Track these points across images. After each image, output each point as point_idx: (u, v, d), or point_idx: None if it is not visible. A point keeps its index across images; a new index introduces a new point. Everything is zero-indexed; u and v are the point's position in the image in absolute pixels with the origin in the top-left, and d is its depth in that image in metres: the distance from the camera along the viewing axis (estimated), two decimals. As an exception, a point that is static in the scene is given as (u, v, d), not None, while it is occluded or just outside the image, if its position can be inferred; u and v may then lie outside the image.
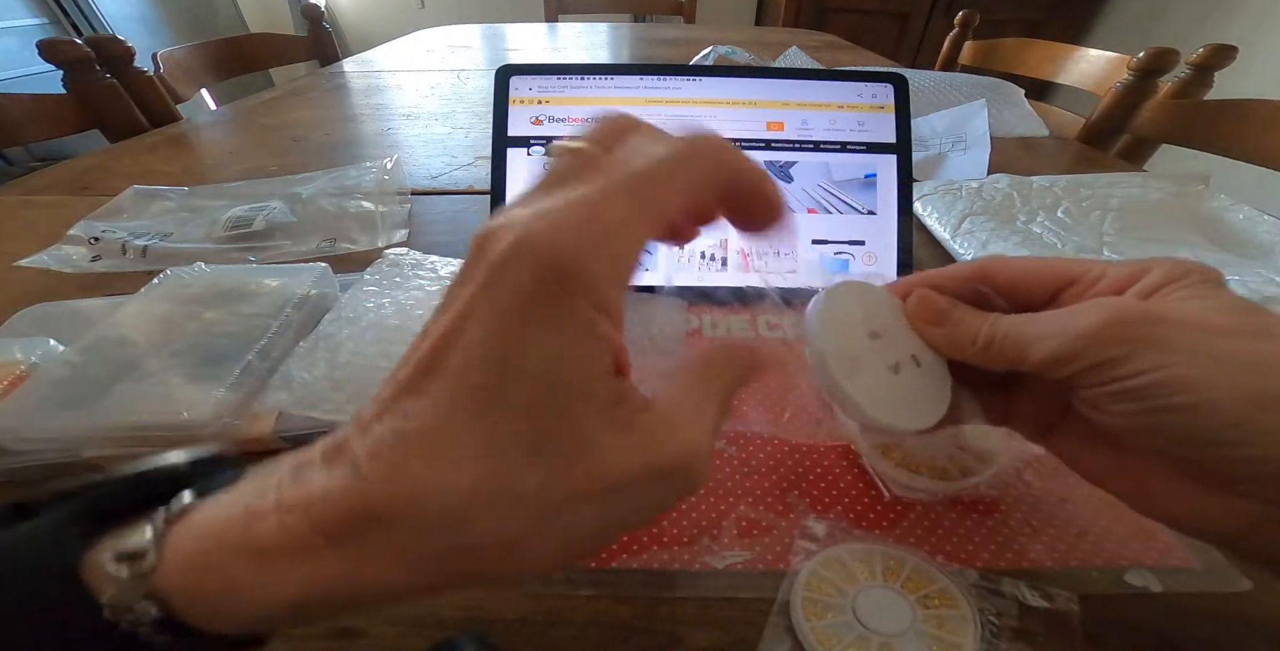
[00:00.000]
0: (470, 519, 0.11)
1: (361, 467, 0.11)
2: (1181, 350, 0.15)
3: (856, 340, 0.20)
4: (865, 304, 0.21)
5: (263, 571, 0.11)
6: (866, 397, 0.20)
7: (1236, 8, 1.70)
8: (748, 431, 0.30)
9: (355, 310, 0.33)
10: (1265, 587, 0.22)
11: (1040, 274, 0.20)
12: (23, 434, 0.25)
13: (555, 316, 0.11)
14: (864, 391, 0.20)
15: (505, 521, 0.11)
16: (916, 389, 0.21)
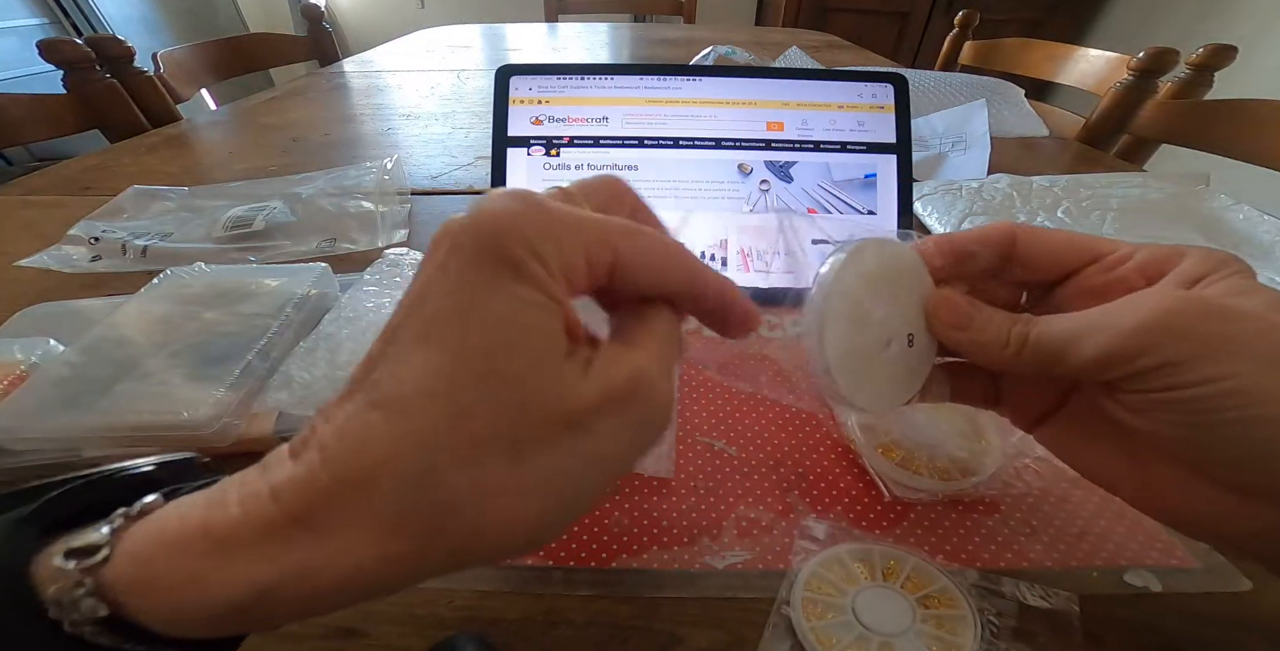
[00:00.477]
0: (439, 468, 0.11)
1: (329, 447, 0.11)
2: (1253, 355, 0.14)
3: (860, 309, 0.19)
4: (884, 269, 0.20)
5: (224, 560, 0.11)
6: (846, 372, 0.19)
7: (1236, 8, 1.70)
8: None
9: (355, 310, 0.33)
10: (1265, 587, 0.22)
11: (1065, 248, 0.19)
12: (23, 434, 0.25)
13: (510, 275, 0.12)
14: (846, 365, 0.19)
15: (474, 468, 0.11)
16: (897, 369, 0.20)
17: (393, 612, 0.22)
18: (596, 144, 0.39)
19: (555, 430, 0.12)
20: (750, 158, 0.39)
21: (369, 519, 0.11)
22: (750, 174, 0.39)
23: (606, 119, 0.39)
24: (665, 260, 0.15)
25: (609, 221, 0.14)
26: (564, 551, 0.24)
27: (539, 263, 0.12)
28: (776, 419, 0.31)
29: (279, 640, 0.21)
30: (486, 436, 0.11)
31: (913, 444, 0.27)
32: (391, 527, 0.11)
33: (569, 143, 0.39)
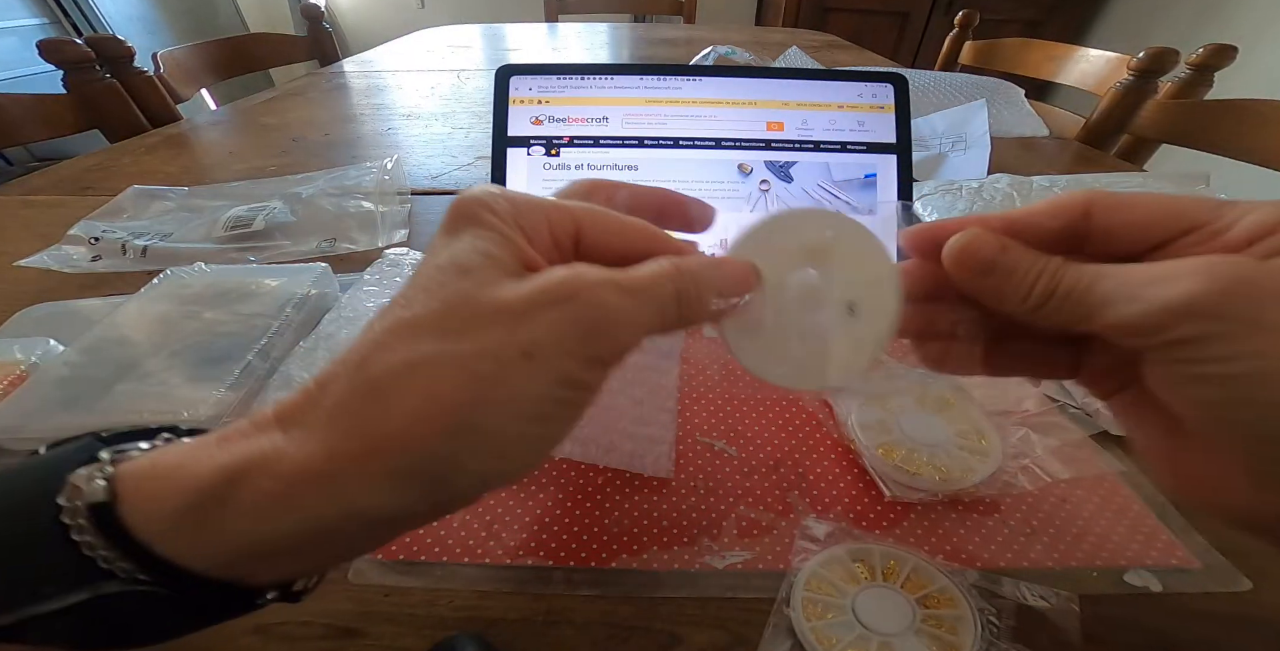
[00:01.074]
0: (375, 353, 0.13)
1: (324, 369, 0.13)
2: None
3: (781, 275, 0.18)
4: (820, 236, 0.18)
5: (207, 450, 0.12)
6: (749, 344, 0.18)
7: (1236, 8, 1.70)
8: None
9: (355, 310, 0.33)
10: (1265, 587, 0.22)
11: (1156, 216, 0.16)
12: (23, 434, 0.25)
13: (466, 224, 0.15)
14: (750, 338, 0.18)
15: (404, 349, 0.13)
16: (830, 342, 0.18)
17: (393, 612, 0.22)
18: (596, 144, 0.39)
19: (484, 318, 0.13)
20: (750, 158, 0.39)
21: (322, 411, 0.13)
22: (750, 174, 0.39)
23: (606, 119, 0.39)
24: (624, 228, 0.17)
25: (568, 202, 0.17)
26: (564, 551, 0.24)
27: (493, 215, 0.15)
28: (776, 419, 0.31)
29: (279, 640, 0.21)
30: (420, 323, 0.13)
31: (913, 444, 0.27)
32: (331, 418, 0.13)
33: (569, 143, 0.39)
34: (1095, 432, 0.29)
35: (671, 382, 0.32)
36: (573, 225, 0.16)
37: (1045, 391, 0.32)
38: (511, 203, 0.15)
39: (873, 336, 0.18)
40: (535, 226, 0.15)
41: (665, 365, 0.33)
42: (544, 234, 0.16)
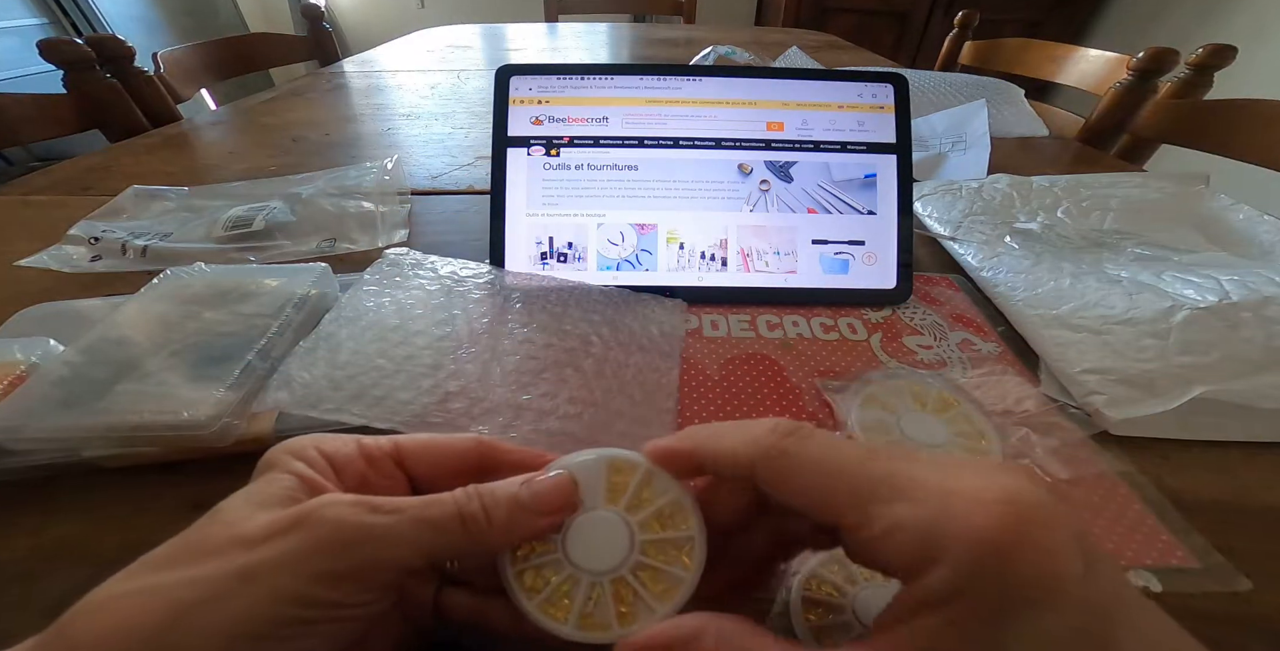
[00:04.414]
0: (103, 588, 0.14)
1: None
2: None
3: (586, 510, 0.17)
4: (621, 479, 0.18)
5: None
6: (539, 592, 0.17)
7: (1236, 8, 1.70)
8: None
9: (355, 310, 0.33)
10: (1265, 587, 0.22)
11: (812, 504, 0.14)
12: (23, 434, 0.25)
13: (267, 472, 0.16)
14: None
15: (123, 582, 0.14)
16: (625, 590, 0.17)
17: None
18: (596, 144, 0.39)
19: (211, 551, 0.14)
20: (750, 158, 0.39)
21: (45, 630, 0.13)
22: (750, 174, 0.39)
23: (606, 119, 0.39)
24: (450, 449, 0.19)
25: (393, 436, 0.19)
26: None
27: (296, 458, 0.17)
28: (776, 419, 0.30)
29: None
30: (147, 562, 0.14)
31: (914, 444, 0.27)
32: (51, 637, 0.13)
33: (569, 143, 0.39)
34: (1095, 432, 0.29)
35: (671, 382, 0.32)
36: (394, 452, 0.18)
37: (1045, 391, 0.32)
38: (319, 445, 0.17)
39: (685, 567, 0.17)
40: (346, 461, 0.17)
41: (665, 365, 0.33)
42: (356, 466, 0.17)
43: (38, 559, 0.23)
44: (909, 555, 0.12)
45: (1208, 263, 0.40)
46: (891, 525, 0.13)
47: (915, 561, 0.12)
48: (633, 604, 0.16)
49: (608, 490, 0.18)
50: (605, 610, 0.16)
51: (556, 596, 0.16)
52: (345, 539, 0.14)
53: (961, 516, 0.12)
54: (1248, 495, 0.27)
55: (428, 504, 0.16)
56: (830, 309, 0.39)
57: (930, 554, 0.12)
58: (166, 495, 0.26)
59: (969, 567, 0.11)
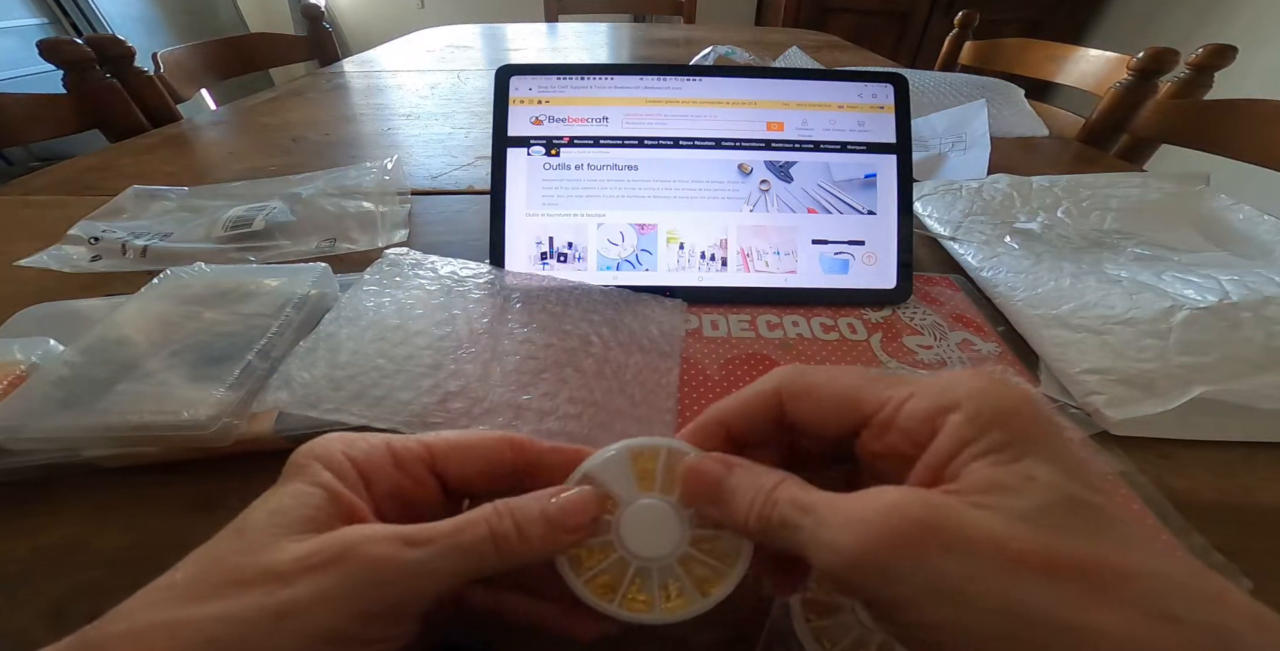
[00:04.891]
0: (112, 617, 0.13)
1: None
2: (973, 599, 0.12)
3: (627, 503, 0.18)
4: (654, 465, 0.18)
5: None
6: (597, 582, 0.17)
7: (1236, 8, 1.70)
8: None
9: (355, 310, 0.33)
10: (1265, 587, 0.22)
11: (832, 407, 0.16)
12: (23, 434, 0.25)
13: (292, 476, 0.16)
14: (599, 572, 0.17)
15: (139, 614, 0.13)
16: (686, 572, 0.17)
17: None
18: (596, 144, 0.39)
19: (241, 582, 0.13)
20: (750, 158, 0.39)
21: None
22: (750, 174, 0.39)
23: (606, 119, 0.39)
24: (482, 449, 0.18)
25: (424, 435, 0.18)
26: (564, 551, 0.24)
27: (324, 467, 0.16)
28: (776, 419, 0.31)
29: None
30: (173, 586, 0.14)
31: None
32: None
33: (569, 143, 0.39)
34: (1095, 432, 0.29)
35: (671, 382, 0.32)
36: (426, 455, 0.17)
37: (1045, 391, 0.32)
38: (348, 448, 0.17)
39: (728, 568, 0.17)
40: (378, 468, 0.17)
41: (665, 365, 0.33)
42: (388, 474, 0.17)
43: (38, 559, 0.23)
44: (926, 413, 0.14)
45: (1208, 263, 0.40)
46: (908, 395, 0.15)
47: (933, 415, 0.14)
48: (677, 591, 0.17)
49: (638, 478, 0.18)
50: (650, 593, 0.17)
51: (604, 577, 0.17)
52: (383, 579, 0.14)
53: (964, 381, 0.14)
54: (1248, 495, 0.27)
55: (460, 528, 0.15)
56: (830, 309, 0.39)
57: (945, 404, 0.14)
58: (167, 495, 0.26)
59: (979, 406, 0.14)
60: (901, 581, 0.12)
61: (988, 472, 0.13)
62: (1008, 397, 0.14)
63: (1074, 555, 0.12)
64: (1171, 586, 0.11)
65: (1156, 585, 0.11)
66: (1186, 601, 0.11)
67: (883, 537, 0.12)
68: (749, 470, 0.16)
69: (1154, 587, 0.11)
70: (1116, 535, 0.12)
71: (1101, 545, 0.12)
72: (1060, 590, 0.11)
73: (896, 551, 0.12)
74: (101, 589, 0.14)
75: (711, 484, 0.16)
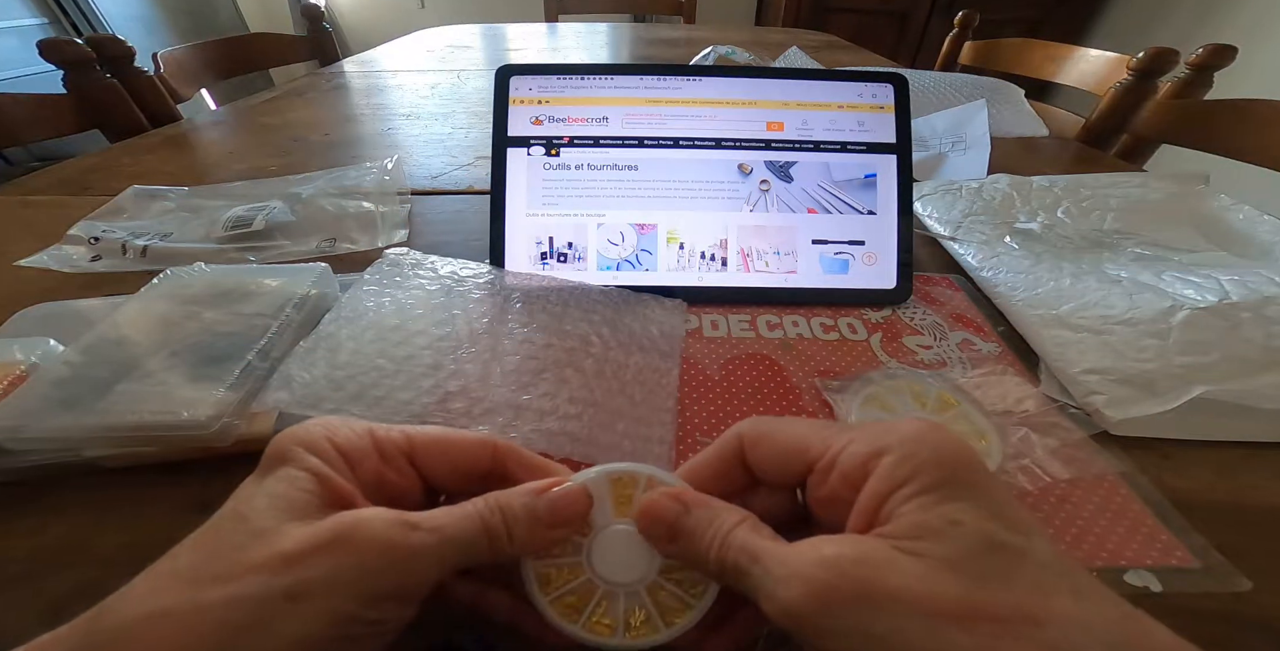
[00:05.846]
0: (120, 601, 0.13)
1: None
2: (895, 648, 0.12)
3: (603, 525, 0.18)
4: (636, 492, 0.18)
5: None
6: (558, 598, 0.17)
7: (1236, 8, 1.70)
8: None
9: (355, 310, 0.33)
10: (1265, 587, 0.22)
11: (784, 457, 0.17)
12: (23, 434, 0.25)
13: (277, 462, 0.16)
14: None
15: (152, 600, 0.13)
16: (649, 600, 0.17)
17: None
18: (596, 144, 0.39)
19: (249, 565, 0.13)
20: (750, 158, 0.39)
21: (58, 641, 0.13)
22: (750, 174, 0.39)
23: (606, 119, 0.39)
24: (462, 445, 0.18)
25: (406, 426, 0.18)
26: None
27: (308, 451, 0.16)
28: (776, 419, 0.30)
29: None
30: (178, 572, 0.14)
31: None
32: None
33: (569, 143, 0.39)
34: (1095, 432, 0.29)
35: (671, 382, 0.32)
36: (406, 446, 0.18)
37: (1045, 391, 0.32)
38: (332, 435, 0.17)
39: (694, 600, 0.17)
40: (361, 455, 0.17)
41: (665, 365, 0.33)
42: (371, 462, 0.17)
43: (38, 559, 0.23)
44: (861, 457, 0.15)
45: (1208, 263, 0.40)
46: (848, 441, 0.16)
47: (867, 458, 0.15)
48: (642, 618, 0.17)
49: (615, 503, 0.18)
50: (615, 617, 0.17)
51: (570, 597, 0.17)
52: (391, 560, 0.14)
53: (899, 427, 0.15)
54: (1248, 495, 0.27)
55: (456, 517, 0.16)
56: (830, 309, 0.39)
57: (879, 447, 0.15)
58: (167, 495, 0.26)
59: (909, 450, 0.15)
60: (834, 635, 0.13)
61: (915, 517, 0.14)
62: (937, 442, 0.15)
63: (990, 603, 0.12)
64: (1084, 631, 0.12)
65: (1068, 631, 0.12)
66: (1097, 646, 0.12)
67: (817, 595, 0.13)
68: (708, 509, 0.16)
69: (1065, 634, 0.12)
70: (1035, 579, 0.13)
71: (1016, 591, 0.12)
72: (976, 639, 0.12)
73: (828, 607, 0.13)
74: (101, 589, 0.14)
75: (666, 521, 0.17)
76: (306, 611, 0.13)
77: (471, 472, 0.19)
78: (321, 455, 0.16)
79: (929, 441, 0.15)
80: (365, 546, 0.14)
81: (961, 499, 0.14)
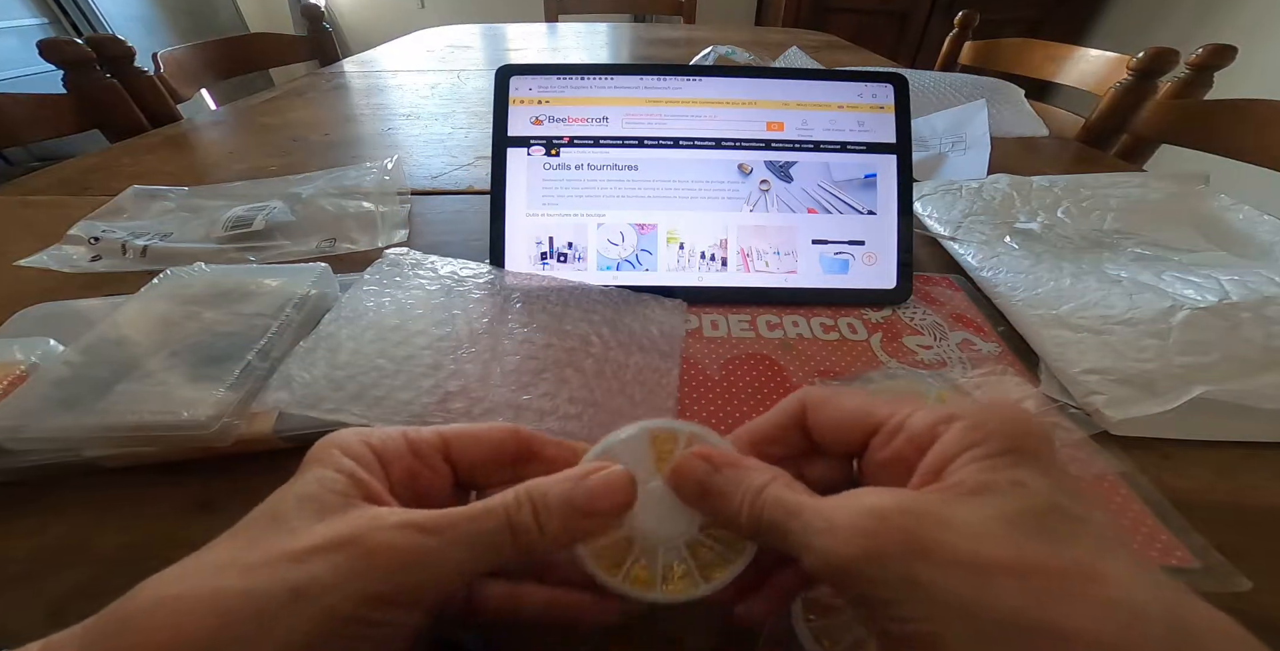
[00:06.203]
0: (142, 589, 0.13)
1: None
2: (948, 601, 0.12)
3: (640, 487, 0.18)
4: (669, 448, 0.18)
5: None
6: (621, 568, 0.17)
7: (1236, 8, 1.70)
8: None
9: (355, 310, 0.33)
10: (1265, 587, 0.22)
11: (848, 418, 0.17)
12: (23, 434, 0.25)
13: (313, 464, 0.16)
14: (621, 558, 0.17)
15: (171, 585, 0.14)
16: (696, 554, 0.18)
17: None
18: (596, 144, 0.39)
19: (265, 559, 0.14)
20: (750, 158, 0.39)
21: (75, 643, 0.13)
22: (750, 174, 0.39)
23: (606, 119, 0.39)
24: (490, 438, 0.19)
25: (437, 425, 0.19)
26: (564, 551, 0.24)
27: (343, 453, 0.16)
28: (776, 419, 0.30)
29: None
30: (203, 562, 0.14)
31: None
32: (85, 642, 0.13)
33: (569, 143, 0.39)
34: (1095, 432, 0.29)
35: (671, 383, 0.32)
36: (440, 443, 0.18)
37: (1045, 391, 0.32)
38: (368, 438, 0.17)
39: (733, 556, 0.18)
40: (395, 455, 0.17)
41: (665, 365, 0.33)
42: (404, 460, 0.17)
43: (38, 559, 0.23)
44: (932, 420, 0.15)
45: (1208, 263, 0.40)
46: (916, 408, 0.16)
47: (938, 422, 0.15)
48: (682, 572, 0.17)
49: (656, 460, 0.18)
50: (653, 571, 0.17)
51: (609, 551, 0.17)
52: (394, 564, 0.14)
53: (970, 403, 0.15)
54: (1248, 495, 0.27)
55: (476, 517, 0.15)
56: (830, 309, 0.39)
57: (950, 415, 0.15)
58: (167, 495, 0.26)
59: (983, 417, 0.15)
60: (881, 584, 0.13)
61: (982, 476, 0.14)
62: (1011, 413, 0.15)
63: (1047, 558, 0.12)
64: (1138, 590, 0.12)
65: (1124, 588, 0.12)
66: (1152, 604, 0.12)
67: (862, 544, 0.13)
68: (739, 468, 0.17)
69: (1121, 590, 0.12)
70: (1092, 543, 0.13)
71: (1075, 550, 0.12)
72: (1030, 591, 0.12)
73: (874, 556, 0.13)
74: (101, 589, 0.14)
75: (694, 480, 0.17)
76: (308, 608, 0.13)
77: (500, 461, 0.19)
78: (355, 456, 0.16)
79: (1003, 411, 0.15)
80: (368, 548, 0.14)
81: (1029, 466, 0.14)
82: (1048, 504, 0.13)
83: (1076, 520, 0.13)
